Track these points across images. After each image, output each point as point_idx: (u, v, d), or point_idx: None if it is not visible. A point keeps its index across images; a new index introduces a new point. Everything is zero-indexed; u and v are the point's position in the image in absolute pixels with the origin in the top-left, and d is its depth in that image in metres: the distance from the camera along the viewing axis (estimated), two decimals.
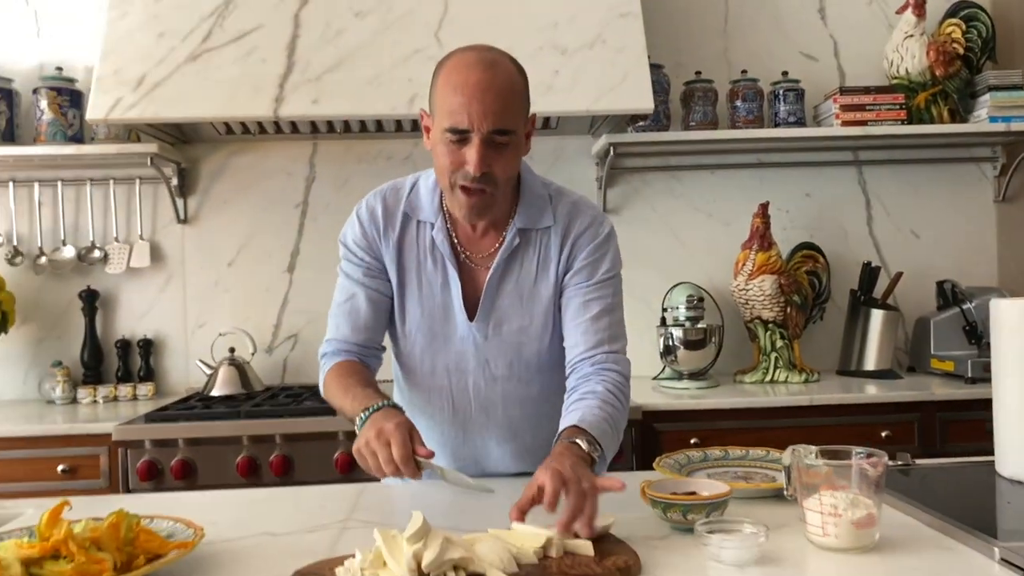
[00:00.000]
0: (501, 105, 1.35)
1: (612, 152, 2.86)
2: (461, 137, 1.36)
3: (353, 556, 1.05)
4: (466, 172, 1.37)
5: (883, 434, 2.52)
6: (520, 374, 1.55)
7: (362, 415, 1.34)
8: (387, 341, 1.63)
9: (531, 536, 1.11)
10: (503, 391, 1.55)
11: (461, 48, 1.42)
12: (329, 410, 2.43)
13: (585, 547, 1.10)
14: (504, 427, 1.57)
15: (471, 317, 1.51)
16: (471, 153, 1.36)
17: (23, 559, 0.98)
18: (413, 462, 1.25)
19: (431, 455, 1.26)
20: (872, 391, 2.62)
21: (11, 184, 2.94)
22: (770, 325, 2.83)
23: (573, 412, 1.40)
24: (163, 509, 1.24)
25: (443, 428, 1.57)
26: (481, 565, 1.03)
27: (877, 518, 1.12)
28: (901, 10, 2.96)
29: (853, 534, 1.10)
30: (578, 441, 1.31)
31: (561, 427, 1.39)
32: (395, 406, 1.37)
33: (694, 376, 2.78)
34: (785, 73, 3.01)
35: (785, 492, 1.28)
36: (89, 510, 1.19)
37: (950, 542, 1.15)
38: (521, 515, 1.18)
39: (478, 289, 1.52)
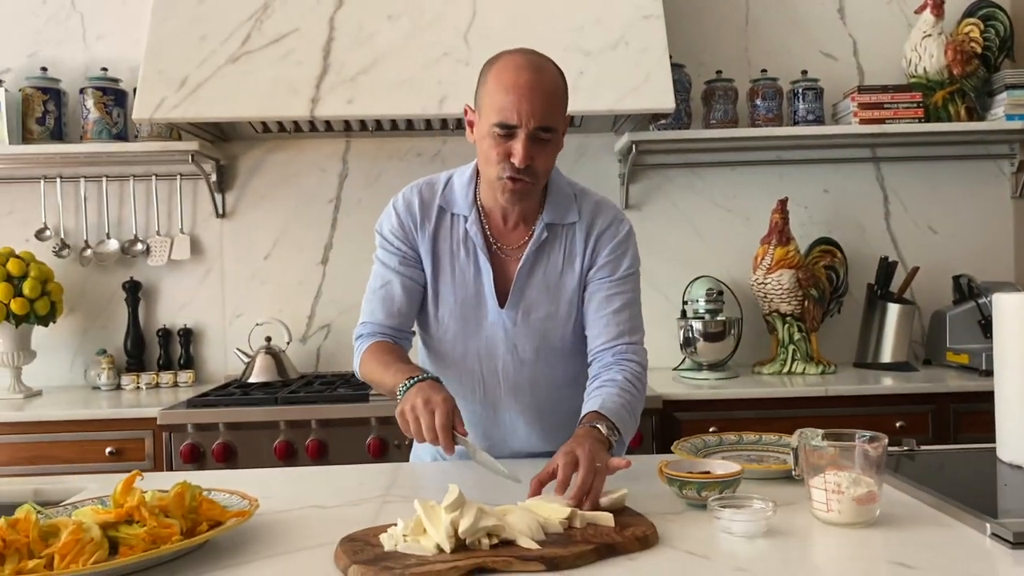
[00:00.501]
0: (547, 105, 1.47)
1: (634, 149, 2.94)
2: (508, 132, 1.47)
3: (395, 524, 1.16)
4: (511, 164, 1.48)
5: (897, 424, 2.59)
6: (547, 358, 1.65)
7: (406, 382, 1.42)
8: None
9: (557, 508, 1.21)
10: (531, 374, 1.66)
11: (509, 51, 1.53)
12: (362, 397, 2.56)
13: (606, 519, 1.20)
14: (531, 408, 1.68)
15: (502, 304, 1.61)
16: (517, 146, 1.46)
17: (101, 523, 1.10)
18: (451, 435, 1.34)
19: (466, 434, 1.36)
20: (887, 383, 2.70)
21: (58, 180, 3.08)
22: (788, 318, 2.91)
23: (595, 398, 1.51)
24: (217, 484, 1.35)
25: (473, 408, 1.67)
26: (512, 533, 1.13)
27: (878, 496, 1.21)
28: (920, 10, 3.02)
29: (855, 510, 1.19)
30: (598, 425, 1.42)
31: (583, 411, 1.50)
32: (439, 380, 1.46)
33: (713, 367, 2.87)
34: (804, 72, 3.08)
35: (793, 472, 1.38)
36: (149, 484, 1.30)
37: (947, 519, 1.24)
38: (538, 488, 1.29)
39: (508, 278, 1.62)
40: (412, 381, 1.42)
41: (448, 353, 1.67)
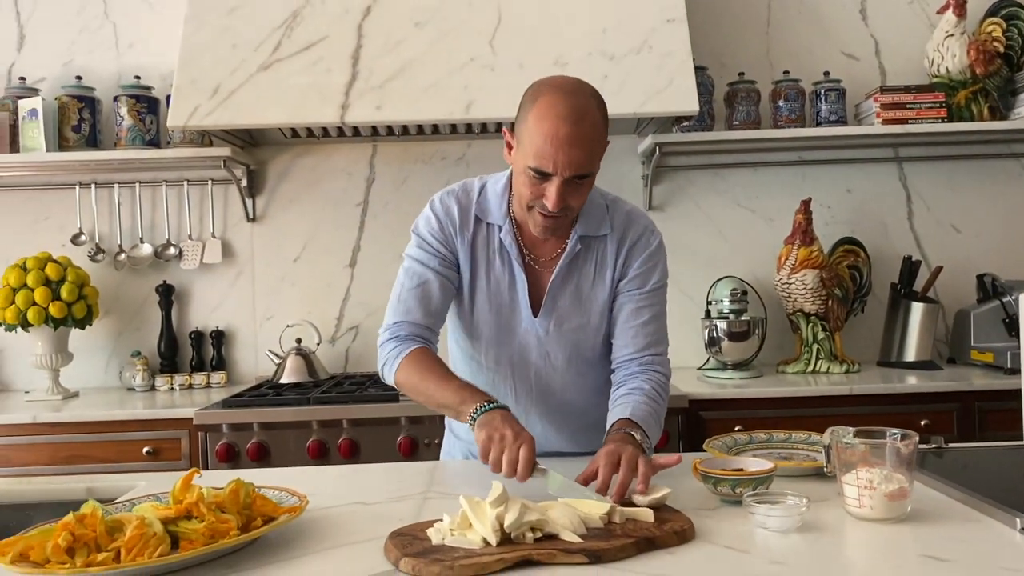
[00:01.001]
0: (584, 155, 1.46)
1: (658, 151, 2.98)
2: (543, 177, 1.47)
3: (441, 519, 1.20)
4: (543, 204, 1.50)
5: (922, 423, 2.61)
6: (577, 367, 1.69)
7: (481, 407, 1.42)
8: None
9: (597, 504, 1.25)
10: (562, 381, 1.70)
11: (552, 87, 1.49)
12: (392, 397, 2.60)
13: (646, 514, 1.24)
14: (560, 413, 1.71)
15: (535, 313, 1.65)
16: (551, 190, 1.47)
17: (162, 518, 1.15)
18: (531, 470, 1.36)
19: (545, 469, 1.38)
20: (912, 381, 2.72)
21: (93, 186, 3.15)
22: (812, 318, 2.93)
23: (623, 405, 1.55)
24: (263, 482, 1.40)
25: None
26: (555, 527, 1.17)
27: (909, 492, 1.24)
28: (942, 10, 3.03)
29: (886, 505, 1.22)
30: (633, 433, 1.46)
31: (613, 417, 1.54)
32: (507, 408, 1.46)
33: (738, 367, 2.90)
34: (827, 73, 3.10)
35: (825, 469, 1.41)
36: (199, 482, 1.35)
37: (977, 515, 1.27)
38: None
39: (541, 288, 1.65)
40: (486, 408, 1.42)
41: (481, 359, 1.70)
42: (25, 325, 2.83)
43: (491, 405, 1.42)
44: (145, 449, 2.61)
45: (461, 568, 1.06)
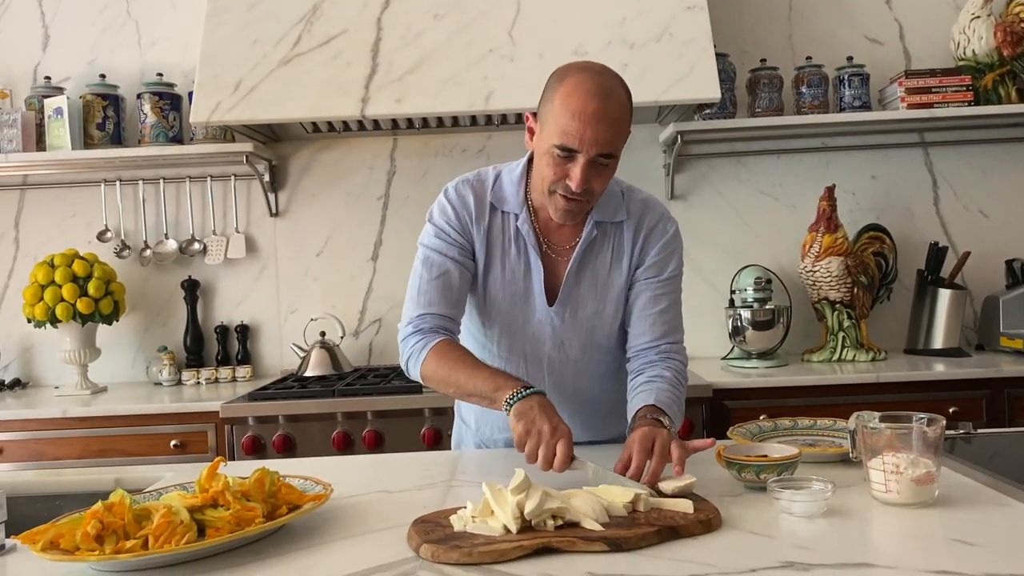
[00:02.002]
0: (611, 133, 1.46)
1: (679, 140, 2.96)
2: (569, 155, 1.47)
3: (464, 507, 1.21)
4: (567, 185, 1.49)
5: (951, 410, 2.58)
6: (592, 354, 1.69)
7: (517, 393, 1.40)
8: None
9: (621, 492, 1.24)
10: (576, 370, 1.69)
11: (579, 67, 1.50)
12: (416, 388, 2.61)
13: (684, 505, 1.21)
14: (574, 401, 1.71)
15: (550, 302, 1.64)
16: (575, 170, 1.47)
17: (189, 507, 1.16)
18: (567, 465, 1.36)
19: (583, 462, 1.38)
20: (939, 368, 2.69)
21: (118, 183, 3.19)
22: (837, 305, 2.90)
23: (646, 392, 1.54)
24: (290, 472, 1.41)
25: None
26: (576, 515, 1.17)
27: (936, 476, 1.23)
28: None
29: (913, 490, 1.21)
30: (661, 419, 1.46)
31: (637, 404, 1.53)
32: (543, 393, 1.44)
33: (762, 356, 2.88)
34: (850, 58, 3.07)
35: (851, 455, 1.40)
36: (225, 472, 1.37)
37: (1007, 500, 1.25)
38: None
39: (557, 277, 1.65)
40: (522, 394, 1.40)
41: (494, 348, 1.70)
42: (54, 321, 2.87)
43: (528, 391, 1.41)
44: (172, 442, 2.64)
45: (479, 554, 1.07)
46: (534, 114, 1.56)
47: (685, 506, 1.21)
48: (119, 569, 1.10)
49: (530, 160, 1.64)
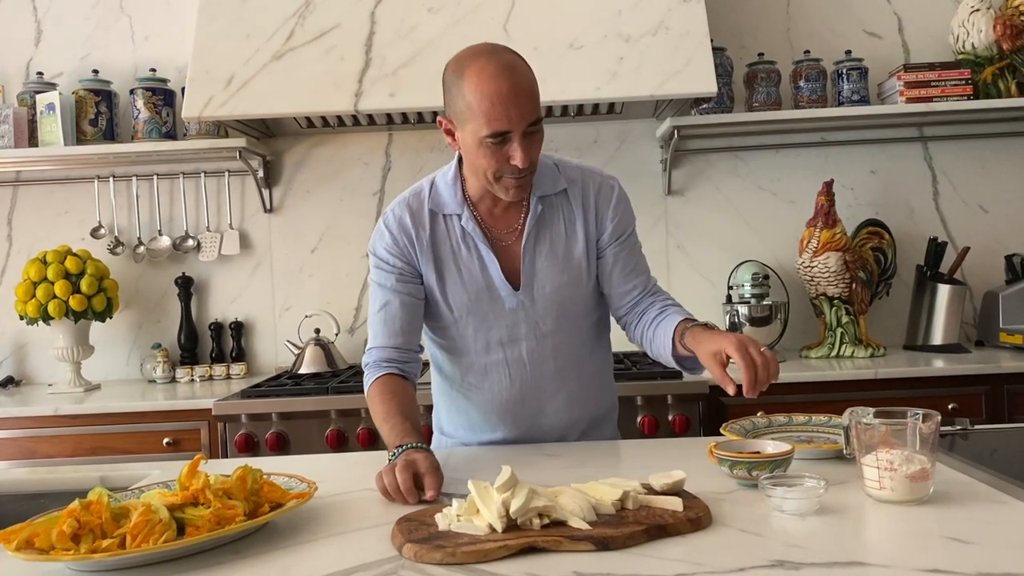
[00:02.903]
0: (532, 103, 1.48)
1: (676, 135, 2.93)
2: (502, 138, 1.48)
3: (450, 504, 1.18)
4: (512, 168, 1.50)
5: (950, 406, 2.56)
6: (565, 326, 1.70)
7: (393, 454, 1.44)
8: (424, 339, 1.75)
9: (609, 490, 1.22)
10: (552, 345, 1.69)
11: (471, 55, 1.50)
12: None
13: (674, 503, 1.18)
14: (555, 379, 1.71)
15: (515, 287, 1.65)
16: (515, 150, 1.48)
17: (169, 505, 1.14)
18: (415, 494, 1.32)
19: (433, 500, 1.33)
20: (939, 364, 2.66)
21: (111, 179, 3.17)
22: (835, 301, 2.88)
23: (673, 315, 1.64)
24: (275, 470, 1.39)
25: (502, 398, 1.70)
26: (563, 513, 1.15)
27: (931, 473, 1.20)
28: None
29: (908, 487, 1.19)
30: (709, 323, 1.57)
31: (673, 323, 1.61)
32: (424, 447, 1.45)
33: None
34: (848, 52, 3.04)
35: (844, 451, 1.38)
36: (210, 470, 1.35)
37: (1003, 496, 1.23)
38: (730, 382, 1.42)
39: (515, 260, 1.66)
40: (398, 452, 1.43)
41: (470, 348, 1.69)
42: (46, 318, 2.85)
43: (407, 446, 1.43)
44: (165, 440, 2.62)
45: (463, 555, 1.05)
46: (446, 117, 1.56)
47: (674, 504, 1.19)
48: (95, 569, 1.08)
49: (460, 160, 1.65)
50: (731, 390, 1.40)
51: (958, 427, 1.58)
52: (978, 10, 2.92)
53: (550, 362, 1.70)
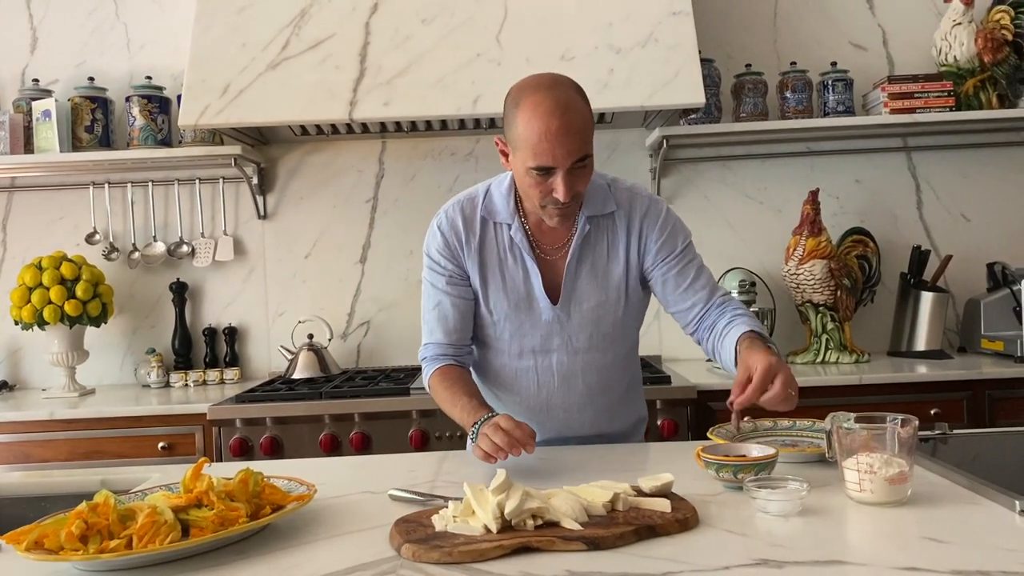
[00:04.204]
0: (580, 142, 1.51)
1: (665, 144, 2.98)
2: (547, 172, 1.52)
3: (446, 507, 1.22)
4: (555, 199, 1.54)
5: (932, 412, 2.61)
6: (597, 344, 1.74)
7: (474, 427, 1.53)
8: None
9: (600, 492, 1.26)
10: (583, 362, 1.74)
11: (531, 87, 1.54)
12: (403, 391, 2.64)
13: (662, 504, 1.23)
14: (582, 394, 1.76)
15: (554, 301, 1.70)
16: (558, 184, 1.52)
17: (173, 507, 1.17)
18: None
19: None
20: (922, 370, 2.72)
21: (107, 186, 3.20)
22: (821, 308, 2.93)
23: (738, 326, 1.62)
24: (274, 473, 1.42)
25: (528, 404, 1.76)
26: (556, 515, 1.19)
27: (909, 476, 1.25)
28: None
29: (887, 489, 1.23)
30: (770, 345, 1.57)
31: (733, 336, 1.60)
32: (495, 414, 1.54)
33: None
34: (834, 63, 3.10)
35: (826, 455, 1.42)
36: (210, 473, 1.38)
37: (978, 498, 1.27)
38: (740, 394, 1.45)
39: (557, 275, 1.71)
40: (478, 425, 1.51)
41: (505, 350, 1.75)
42: (41, 323, 2.87)
43: (484, 418, 1.51)
44: (160, 444, 2.65)
45: (460, 554, 1.09)
46: (502, 139, 1.61)
47: (663, 505, 1.23)
48: (103, 569, 1.11)
49: None
50: (734, 402, 1.46)
51: (937, 432, 1.63)
52: (960, 23, 2.98)
53: (579, 378, 1.74)
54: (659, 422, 2.56)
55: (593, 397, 1.76)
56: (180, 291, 3.18)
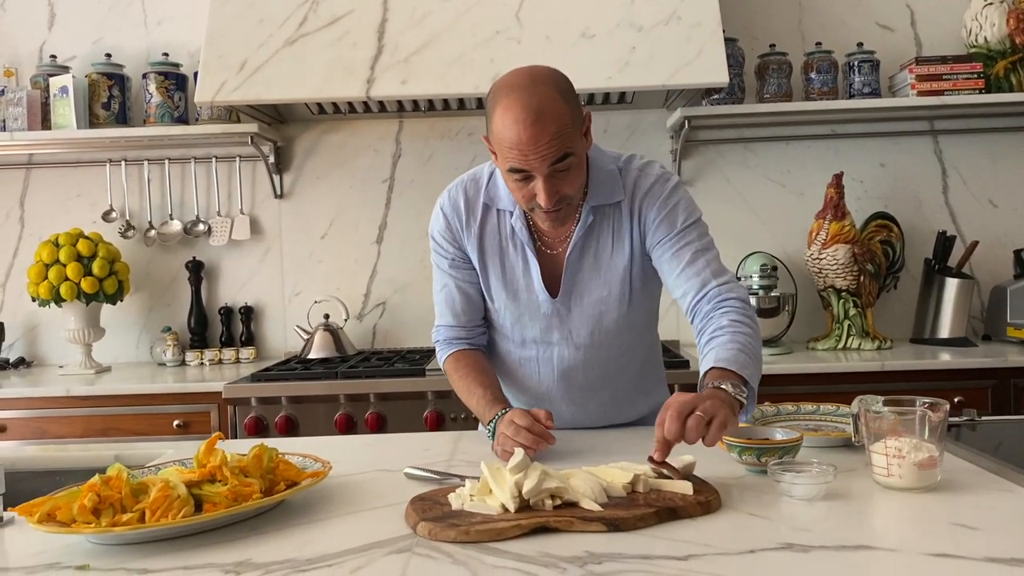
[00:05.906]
0: (555, 144, 1.41)
1: (687, 125, 2.94)
2: (526, 175, 1.45)
3: (463, 485, 1.20)
4: (538, 204, 1.46)
5: (956, 399, 2.56)
6: (600, 340, 1.66)
7: (490, 425, 1.52)
8: None
9: (620, 473, 1.23)
10: (585, 357, 1.67)
11: (506, 88, 1.43)
12: (419, 371, 2.63)
13: (684, 487, 1.20)
14: (583, 389, 1.70)
15: (553, 295, 1.63)
16: (539, 190, 1.44)
17: (186, 482, 1.16)
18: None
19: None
20: (945, 358, 2.67)
21: (123, 163, 3.19)
22: (843, 294, 2.89)
23: (709, 352, 1.44)
24: (289, 450, 1.40)
25: (532, 392, 1.71)
26: (575, 495, 1.16)
27: (939, 461, 1.21)
28: None
29: (916, 474, 1.20)
30: (723, 386, 1.34)
31: (702, 369, 1.43)
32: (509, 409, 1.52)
33: (767, 343, 2.86)
34: (860, 44, 3.04)
35: (853, 439, 1.39)
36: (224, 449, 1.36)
37: (1009, 485, 1.24)
38: (661, 451, 1.24)
39: (557, 267, 1.63)
40: (493, 424, 1.51)
41: (509, 336, 1.70)
42: (58, 300, 2.87)
43: (499, 415, 1.50)
44: (175, 422, 2.65)
45: (477, 533, 1.06)
46: (488, 139, 1.52)
47: (685, 488, 1.20)
48: (115, 542, 1.10)
49: None
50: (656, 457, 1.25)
51: (966, 418, 1.59)
52: (992, 3, 2.91)
53: (580, 373, 1.68)
54: None
55: (594, 392, 1.70)
56: (196, 270, 3.17)
